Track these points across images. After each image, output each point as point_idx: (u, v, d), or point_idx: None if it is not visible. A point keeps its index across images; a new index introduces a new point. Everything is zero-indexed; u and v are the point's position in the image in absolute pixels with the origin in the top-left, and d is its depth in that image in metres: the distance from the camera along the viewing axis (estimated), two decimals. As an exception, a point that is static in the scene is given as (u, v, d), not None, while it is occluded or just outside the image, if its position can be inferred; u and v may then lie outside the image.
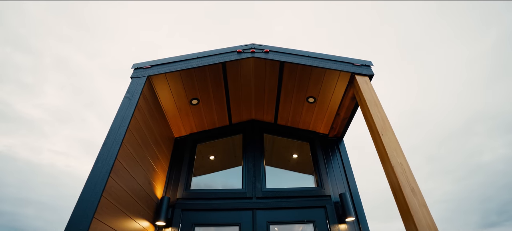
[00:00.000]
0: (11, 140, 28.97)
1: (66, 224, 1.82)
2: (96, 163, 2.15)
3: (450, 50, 33.08)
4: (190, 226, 3.14)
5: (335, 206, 3.26)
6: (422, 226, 1.84)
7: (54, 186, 29.76)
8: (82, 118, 34.52)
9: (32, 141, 30.03)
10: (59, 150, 32.07)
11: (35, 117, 31.52)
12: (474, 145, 33.31)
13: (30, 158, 29.70)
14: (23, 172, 28.83)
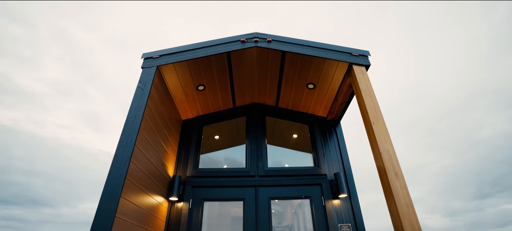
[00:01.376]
0: (15, 114, 29.38)
1: (98, 202, 2.14)
2: (118, 149, 2.43)
3: (453, 28, 32.28)
4: (200, 201, 3.51)
5: (330, 184, 3.61)
6: (401, 205, 2.15)
7: (59, 159, 30.74)
8: (83, 91, 34.62)
9: (35, 114, 30.44)
10: (62, 123, 32.61)
11: (36, 90, 31.64)
12: (474, 120, 33.73)
13: (35, 132, 30.33)
14: (29, 145, 29.63)
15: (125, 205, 2.32)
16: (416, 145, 35.13)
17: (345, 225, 3.32)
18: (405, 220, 2.11)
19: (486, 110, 32.45)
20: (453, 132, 33.57)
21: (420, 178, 37.35)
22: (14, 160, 27.96)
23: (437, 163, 34.98)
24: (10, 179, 27.41)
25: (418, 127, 35.39)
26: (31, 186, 28.92)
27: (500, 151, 32.19)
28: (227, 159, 4.27)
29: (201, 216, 3.42)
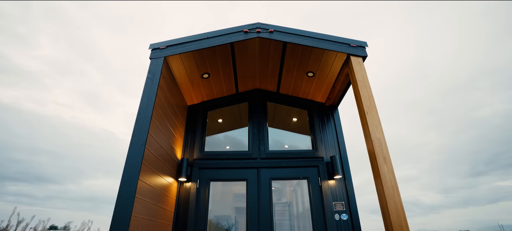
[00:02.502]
0: (15, 92, 29.44)
1: (119, 184, 2.41)
2: (133, 136, 2.67)
3: (456, 6, 31.45)
4: (206, 181, 3.82)
5: (326, 166, 3.90)
6: (387, 187, 2.43)
7: (62, 137, 31.26)
8: (81, 70, 34.42)
9: (35, 93, 30.52)
10: (63, 102, 32.78)
11: (34, 69, 31.45)
12: (476, 100, 33.94)
13: (36, 110, 30.57)
14: (31, 123, 30.00)
15: (142, 186, 2.60)
16: (416, 124, 35.63)
17: (339, 203, 3.65)
18: (390, 199, 2.40)
19: (487, 91, 32.58)
20: (453, 111, 33.93)
21: (418, 156, 38.31)
22: (17, 138, 28.48)
23: (435, 142, 35.73)
24: (15, 157, 28.10)
25: (419, 106, 35.69)
26: (36, 163, 29.71)
27: (497, 130, 32.76)
28: (230, 141, 4.54)
29: (208, 194, 3.75)
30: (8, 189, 28.96)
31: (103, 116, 34.79)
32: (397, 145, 70.97)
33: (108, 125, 35.82)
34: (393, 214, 2.35)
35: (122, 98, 38.87)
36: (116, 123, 61.65)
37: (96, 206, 57.72)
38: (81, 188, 34.66)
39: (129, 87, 52.41)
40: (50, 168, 30.63)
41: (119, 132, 65.03)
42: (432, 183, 38.07)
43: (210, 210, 3.73)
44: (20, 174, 28.79)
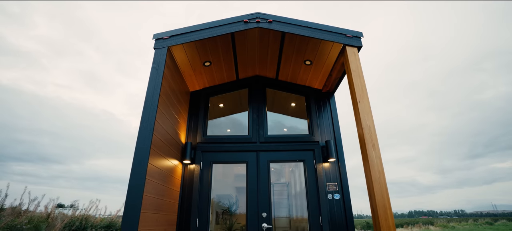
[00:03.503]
0: (14, 74, 29.49)
1: (130, 169, 2.67)
2: (141, 123, 2.89)
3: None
4: (209, 163, 4.09)
5: (321, 149, 4.15)
6: (374, 171, 2.68)
7: (62, 118, 31.73)
8: (79, 51, 34.19)
9: (34, 74, 30.59)
10: (62, 83, 32.90)
11: (31, 49, 31.26)
12: (479, 82, 33.87)
13: (36, 91, 30.77)
14: (32, 105, 30.33)
15: (151, 168, 2.86)
16: (416, 105, 35.76)
17: (332, 184, 3.94)
18: (376, 182, 2.65)
19: (491, 73, 32.36)
20: (455, 93, 33.90)
21: (417, 138, 38.82)
22: (18, 119, 28.92)
23: (435, 124, 36.07)
24: (18, 137, 28.70)
25: (419, 87, 35.64)
26: (38, 144, 30.41)
27: (499, 113, 32.90)
28: (231, 124, 4.77)
29: (211, 176, 4.04)
30: (13, 169, 29.86)
31: (102, 97, 34.90)
32: (397, 126, 71.47)
33: (108, 105, 36.02)
34: (378, 195, 2.62)
35: (121, 79, 38.40)
36: (115, 103, 61.86)
37: (100, 185, 59.43)
38: (84, 168, 35.56)
39: (128, 68, 52.03)
40: (53, 148, 31.33)
41: (119, 113, 65.52)
42: (430, 164, 38.81)
43: (212, 190, 4.03)
44: (24, 155, 29.55)
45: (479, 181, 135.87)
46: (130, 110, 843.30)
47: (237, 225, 4.35)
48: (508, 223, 32.35)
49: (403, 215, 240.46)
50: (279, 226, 4.43)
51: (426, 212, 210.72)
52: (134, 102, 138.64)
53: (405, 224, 29.51)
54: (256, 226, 3.71)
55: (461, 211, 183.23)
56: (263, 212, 3.78)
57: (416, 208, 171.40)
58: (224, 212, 4.46)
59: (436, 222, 32.32)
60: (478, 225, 29.90)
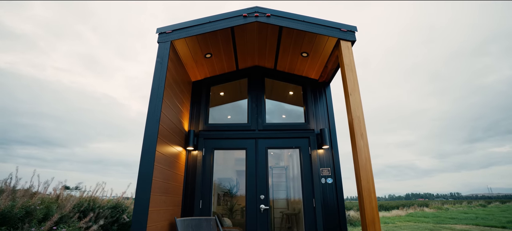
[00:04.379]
0: (11, 57, 29.36)
1: (140, 153, 2.94)
2: (148, 114, 3.13)
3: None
4: (210, 149, 4.37)
5: (316, 137, 4.41)
6: (361, 158, 2.95)
7: (63, 101, 31.92)
8: (76, 33, 33.79)
9: (32, 57, 30.47)
10: (61, 66, 32.82)
11: (27, 31, 30.92)
12: (483, 66, 33.55)
13: (35, 75, 30.79)
14: (32, 88, 30.44)
15: (158, 155, 3.13)
16: (417, 90, 35.69)
17: (325, 169, 4.24)
18: (362, 168, 2.93)
19: (496, 56, 31.97)
20: (457, 77, 33.66)
21: (418, 122, 39.05)
22: (19, 103, 29.14)
23: (436, 108, 36.12)
24: (20, 121, 29.04)
25: (421, 71, 35.39)
26: (40, 128, 30.81)
27: (500, 97, 32.86)
28: (232, 111, 5.01)
29: (212, 161, 4.33)
30: (18, 152, 30.45)
31: (102, 80, 34.90)
32: (398, 110, 71.54)
33: (108, 89, 36.10)
34: (364, 179, 2.90)
35: (121, 63, 38.20)
36: (116, 87, 61.77)
37: (104, 168, 60.58)
38: (87, 151, 36.17)
39: (127, 51, 51.48)
40: (55, 132, 31.77)
41: (120, 97, 65.60)
42: (429, 149, 39.39)
43: (214, 173, 4.34)
44: (28, 138, 30.03)
45: (477, 165, 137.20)
46: (130, 93, 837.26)
47: (237, 206, 4.69)
48: (501, 205, 33.37)
49: (400, 198, 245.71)
50: (278, 207, 4.78)
51: (423, 194, 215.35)
52: (134, 85, 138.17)
53: (401, 206, 30.47)
54: (254, 207, 4.04)
55: (457, 193, 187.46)
56: (261, 194, 4.11)
57: (413, 190, 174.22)
58: (225, 194, 4.78)
59: (431, 204, 33.30)
60: (471, 207, 30.85)
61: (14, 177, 6.01)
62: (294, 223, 4.76)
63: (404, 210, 26.34)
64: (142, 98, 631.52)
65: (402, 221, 16.05)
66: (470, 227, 12.33)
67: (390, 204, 33.47)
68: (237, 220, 4.53)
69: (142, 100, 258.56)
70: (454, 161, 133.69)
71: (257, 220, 3.99)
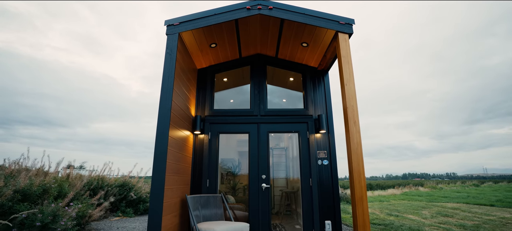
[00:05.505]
0: (7, 35, 29.04)
1: (155, 138, 3.27)
2: (161, 102, 3.43)
3: None
4: (216, 133, 4.72)
5: (314, 122, 4.74)
6: (353, 143, 3.28)
7: (63, 82, 32.00)
8: (73, 11, 33.18)
9: (28, 36, 30.18)
10: (59, 46, 32.54)
11: (22, 10, 30.34)
12: (488, 47, 33.14)
13: (33, 55, 30.67)
14: (30, 68, 30.40)
15: (170, 140, 3.48)
16: (420, 71, 35.52)
17: (322, 152, 4.60)
18: (354, 153, 3.27)
19: (502, 37, 31.48)
20: (461, 57, 33.35)
21: (418, 103, 39.17)
22: (18, 83, 29.25)
23: (437, 90, 36.14)
24: (21, 101, 29.30)
25: (425, 51, 35.03)
26: (41, 108, 31.12)
27: (503, 79, 32.78)
28: (235, 96, 5.31)
29: (218, 144, 4.69)
30: (20, 132, 30.99)
31: (101, 60, 34.73)
32: (399, 91, 71.37)
33: (108, 69, 35.98)
34: (355, 162, 3.25)
35: (120, 42, 37.67)
36: (116, 67, 61.37)
37: (106, 147, 61.62)
38: (89, 131, 36.71)
39: (126, 30, 50.56)
40: (56, 112, 32.11)
41: (120, 77, 65.33)
42: (428, 129, 39.90)
43: (219, 155, 4.71)
44: (29, 118, 30.43)
45: (475, 146, 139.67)
46: (130, 74, 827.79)
47: (239, 184, 5.11)
48: (493, 185, 34.45)
49: (397, 177, 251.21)
50: (278, 186, 5.20)
51: (420, 174, 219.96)
52: (134, 65, 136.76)
53: (397, 185, 31.51)
54: (256, 186, 4.45)
55: (453, 174, 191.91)
56: (262, 174, 4.50)
57: (411, 171, 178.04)
58: (227, 173, 5.18)
59: (426, 183, 34.38)
60: (465, 186, 31.88)
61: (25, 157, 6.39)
62: (292, 200, 5.20)
63: (400, 189, 27.29)
64: (143, 79, 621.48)
65: (397, 199, 16.80)
66: (460, 205, 12.99)
67: (387, 183, 34.59)
68: (239, 198, 4.97)
69: (143, 81, 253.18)
70: (453, 142, 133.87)
71: (259, 197, 4.41)
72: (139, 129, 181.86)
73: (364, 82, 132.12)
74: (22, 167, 6.12)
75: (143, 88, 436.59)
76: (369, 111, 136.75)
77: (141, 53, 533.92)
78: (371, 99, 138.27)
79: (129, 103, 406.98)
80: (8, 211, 4.05)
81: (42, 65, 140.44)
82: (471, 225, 7.30)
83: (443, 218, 8.55)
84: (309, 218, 4.34)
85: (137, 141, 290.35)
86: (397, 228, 6.73)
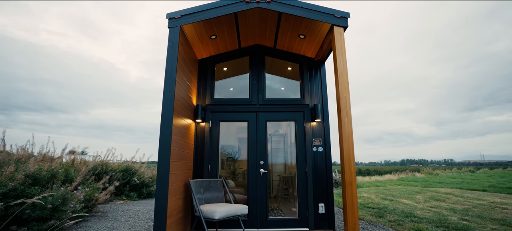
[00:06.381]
0: (2, 20, 28.71)
1: (160, 124, 3.50)
2: (164, 93, 3.64)
3: None
4: (217, 121, 4.95)
5: (310, 111, 4.96)
6: (345, 132, 3.52)
7: (61, 67, 31.92)
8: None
9: (24, 21, 29.85)
10: (55, 30, 32.22)
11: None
12: (492, 33, 32.75)
13: (29, 39, 30.44)
14: (27, 53, 30.25)
15: (174, 129, 3.71)
16: (422, 57, 35.26)
17: (317, 139, 4.85)
18: (345, 141, 3.51)
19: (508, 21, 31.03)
20: (465, 44, 33.03)
21: (418, 90, 39.13)
22: (16, 68, 29.20)
23: (438, 77, 36.07)
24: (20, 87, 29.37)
25: (429, 37, 34.65)
26: (41, 94, 31.21)
27: (505, 66, 32.59)
28: (235, 85, 5.50)
29: (218, 132, 4.93)
30: (21, 117, 31.25)
31: (99, 45, 34.46)
32: (399, 77, 70.97)
33: (106, 54, 35.74)
34: (346, 149, 3.50)
35: (117, 26, 37.14)
36: (114, 52, 60.83)
37: (106, 133, 62.09)
38: (89, 117, 36.92)
39: (123, 12, 49.72)
40: (56, 98, 32.22)
41: (119, 62, 64.87)
42: (428, 116, 40.06)
43: (220, 141, 4.97)
44: (29, 104, 30.57)
45: (473, 133, 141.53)
46: (128, 59, 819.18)
47: (239, 169, 5.39)
48: (489, 171, 35.12)
49: (395, 163, 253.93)
50: (276, 171, 5.48)
51: (417, 160, 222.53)
52: (132, 50, 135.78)
53: (394, 171, 32.17)
54: (255, 171, 4.73)
55: (450, 160, 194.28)
56: (261, 160, 4.77)
57: (409, 157, 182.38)
58: (228, 159, 5.44)
59: (423, 169, 35.04)
60: (460, 172, 32.53)
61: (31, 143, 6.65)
62: (290, 185, 5.50)
63: (397, 174, 27.88)
64: (142, 64, 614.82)
65: (393, 184, 17.29)
66: (454, 190, 13.43)
67: (384, 169, 35.28)
68: (239, 182, 5.26)
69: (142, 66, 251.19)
70: (452, 128, 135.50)
71: (257, 182, 4.71)
72: (139, 115, 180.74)
73: (365, 67, 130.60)
74: (28, 153, 6.39)
75: (142, 74, 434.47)
76: (370, 97, 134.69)
77: (139, 38, 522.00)
78: (372, 86, 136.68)
79: (129, 89, 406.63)
80: (21, 194, 4.34)
81: (39, 50, 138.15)
82: (461, 209, 7.66)
83: (435, 202, 8.94)
84: (304, 201, 4.65)
85: (137, 126, 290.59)
86: (390, 211, 7.10)
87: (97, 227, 5.17)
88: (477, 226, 5.34)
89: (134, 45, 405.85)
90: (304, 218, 4.61)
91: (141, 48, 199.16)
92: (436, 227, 5.14)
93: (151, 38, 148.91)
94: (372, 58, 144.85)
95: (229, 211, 3.77)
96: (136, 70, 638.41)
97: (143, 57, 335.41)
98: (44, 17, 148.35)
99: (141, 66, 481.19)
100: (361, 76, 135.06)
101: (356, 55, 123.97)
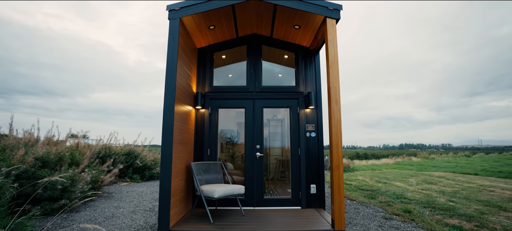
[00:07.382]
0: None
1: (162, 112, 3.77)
2: (166, 83, 3.88)
3: None
4: (215, 108, 5.23)
5: (304, 98, 5.22)
6: (334, 119, 3.80)
7: (59, 50, 31.78)
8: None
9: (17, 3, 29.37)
10: (50, 12, 31.77)
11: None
12: (496, 16, 32.24)
13: (24, 22, 30.10)
14: (23, 37, 30.07)
15: (176, 115, 3.99)
16: (426, 41, 34.92)
17: (310, 125, 5.14)
18: (334, 127, 3.80)
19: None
20: (469, 27, 32.61)
21: (419, 75, 38.99)
22: (13, 52, 29.13)
23: (440, 61, 35.86)
24: (19, 71, 29.40)
25: (433, 21, 34.19)
26: (42, 78, 31.29)
27: (508, 51, 32.27)
28: (233, 72, 5.72)
29: (217, 117, 5.22)
30: (21, 102, 31.46)
31: (95, 27, 34.08)
32: (401, 61, 70.27)
33: (103, 37, 35.39)
34: (334, 135, 3.79)
35: (113, 8, 36.42)
36: (111, 34, 59.96)
37: (107, 117, 62.44)
38: (89, 101, 37.08)
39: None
40: (56, 82, 32.29)
41: (116, 45, 64.14)
42: (428, 101, 40.18)
43: (219, 126, 5.27)
44: (29, 88, 30.69)
45: (472, 118, 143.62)
46: (126, 41, 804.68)
47: (238, 153, 5.73)
48: (484, 156, 35.70)
49: (394, 148, 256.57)
50: (273, 154, 5.81)
51: (416, 145, 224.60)
52: (129, 32, 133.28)
53: (391, 155, 32.78)
54: (251, 154, 5.07)
55: (448, 145, 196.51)
56: (257, 144, 5.09)
57: (408, 141, 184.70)
58: (227, 143, 5.76)
59: (420, 154, 35.66)
60: (456, 157, 33.13)
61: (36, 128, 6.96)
62: (286, 167, 5.85)
63: (393, 158, 28.45)
64: (140, 47, 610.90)
65: (389, 168, 17.79)
66: (446, 174, 13.90)
67: (382, 153, 35.89)
68: (237, 165, 5.61)
69: (140, 49, 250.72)
70: (452, 113, 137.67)
71: (254, 164, 5.05)
72: (139, 99, 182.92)
73: (367, 50, 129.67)
74: (34, 137, 6.70)
75: (141, 57, 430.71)
76: (370, 81, 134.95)
77: (137, 21, 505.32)
78: (373, 69, 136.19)
79: (128, 72, 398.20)
80: (32, 176, 4.69)
81: (35, 34, 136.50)
82: (450, 191, 8.07)
83: (427, 185, 9.35)
84: (297, 182, 5.02)
85: (137, 110, 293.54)
86: (383, 193, 7.51)
87: (104, 206, 5.58)
88: (462, 206, 5.71)
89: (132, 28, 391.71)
90: (297, 197, 4.99)
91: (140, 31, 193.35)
92: (423, 208, 5.52)
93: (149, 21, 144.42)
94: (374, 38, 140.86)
95: (227, 191, 4.12)
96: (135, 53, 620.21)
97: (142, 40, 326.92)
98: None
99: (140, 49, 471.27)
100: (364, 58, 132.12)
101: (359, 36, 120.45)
